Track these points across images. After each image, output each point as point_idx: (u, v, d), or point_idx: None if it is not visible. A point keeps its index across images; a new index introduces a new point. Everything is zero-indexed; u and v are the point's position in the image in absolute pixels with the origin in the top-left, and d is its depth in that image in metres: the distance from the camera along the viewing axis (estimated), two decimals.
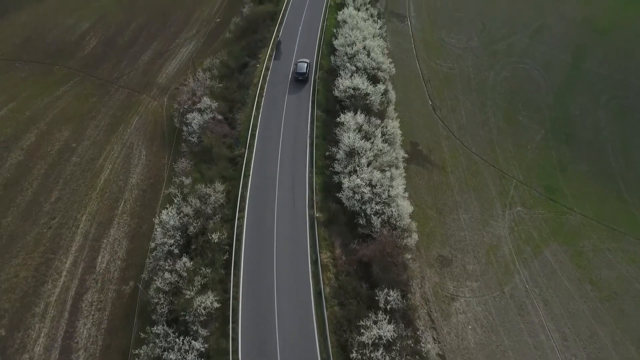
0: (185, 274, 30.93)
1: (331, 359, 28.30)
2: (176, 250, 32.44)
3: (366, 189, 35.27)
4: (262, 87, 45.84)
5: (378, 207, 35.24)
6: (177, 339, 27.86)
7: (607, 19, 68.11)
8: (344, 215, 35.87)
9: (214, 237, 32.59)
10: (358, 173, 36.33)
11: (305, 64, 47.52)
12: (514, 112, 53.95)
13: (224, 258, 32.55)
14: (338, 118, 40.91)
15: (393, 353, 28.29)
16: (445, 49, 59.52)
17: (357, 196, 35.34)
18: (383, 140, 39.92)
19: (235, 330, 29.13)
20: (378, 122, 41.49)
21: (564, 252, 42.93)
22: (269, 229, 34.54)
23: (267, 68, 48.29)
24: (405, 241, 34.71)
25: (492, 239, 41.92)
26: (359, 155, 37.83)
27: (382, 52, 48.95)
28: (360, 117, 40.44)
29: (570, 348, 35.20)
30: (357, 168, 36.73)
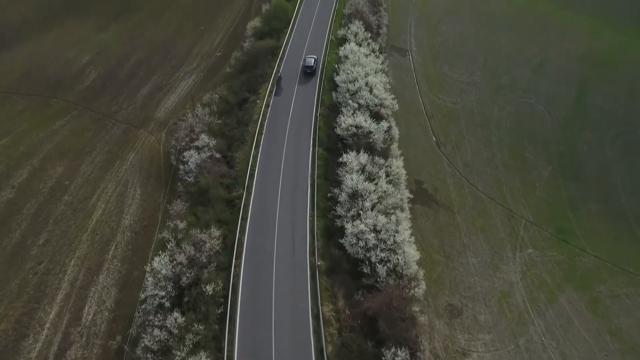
0: (176, 330, 28.60)
1: None
2: (167, 304, 30.22)
3: (370, 235, 33.37)
4: (261, 124, 44.65)
5: (383, 254, 33.22)
6: None
7: (608, 54, 68.07)
8: (347, 263, 33.79)
9: (208, 288, 30.42)
10: (362, 218, 34.50)
11: (313, 59, 51.58)
12: (520, 148, 52.68)
13: (219, 312, 30.28)
14: (340, 158, 39.44)
15: None
16: (447, 84, 58.90)
17: (361, 243, 33.38)
18: (387, 181, 38.29)
19: None
20: (382, 161, 40.01)
21: (580, 299, 40.62)
22: (267, 279, 32.38)
23: (267, 104, 47.28)
24: (412, 291, 32.51)
25: (503, 285, 39.65)
26: (362, 197, 36.12)
27: (385, 87, 48.04)
28: (363, 156, 38.98)
29: None
30: (361, 212, 34.91)
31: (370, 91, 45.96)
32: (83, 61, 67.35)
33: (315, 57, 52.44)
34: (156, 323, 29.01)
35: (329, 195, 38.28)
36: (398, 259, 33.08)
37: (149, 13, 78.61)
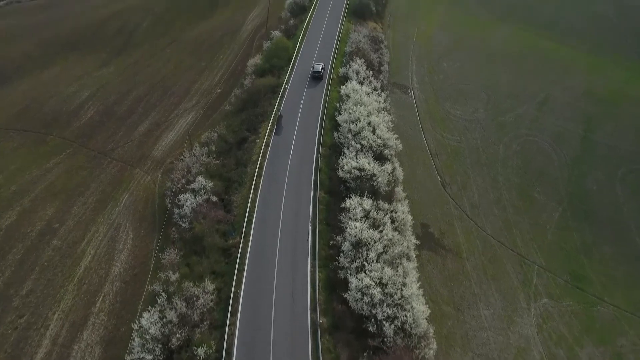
0: None
1: None
2: None
3: (376, 290, 31.01)
4: (260, 166, 43.08)
5: (390, 310, 30.74)
6: None
7: (611, 90, 67.66)
8: (351, 320, 31.22)
9: (200, 351, 27.81)
10: (366, 270, 32.24)
11: (321, 65, 55.75)
12: (529, 188, 50.95)
13: None
14: (343, 203, 37.59)
15: None
16: (451, 121, 57.90)
17: (366, 298, 30.96)
18: (393, 228, 36.25)
19: None
20: (386, 206, 38.13)
21: (602, 354, 37.74)
22: (265, 339, 29.75)
23: (267, 144, 45.92)
24: (423, 352, 29.84)
25: (519, 340, 36.84)
26: (366, 247, 33.97)
27: (388, 127, 46.82)
28: (367, 202, 37.12)
29: None
30: (366, 264, 32.68)
31: (373, 131, 44.69)
32: (82, 97, 66.82)
33: (323, 64, 56.58)
34: None
35: (331, 243, 36.14)
36: (406, 316, 30.56)
37: (150, 49, 79.06)
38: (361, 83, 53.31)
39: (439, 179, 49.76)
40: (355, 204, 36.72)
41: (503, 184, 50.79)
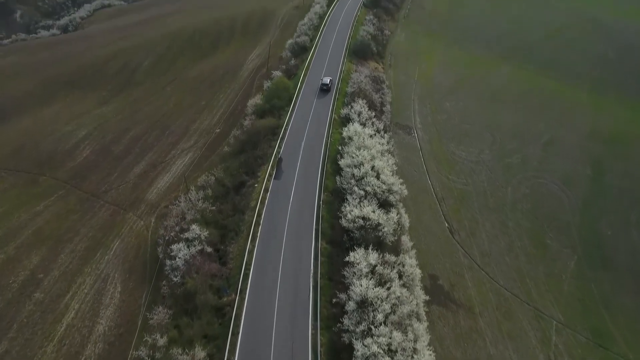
0: None
1: None
2: None
3: (385, 359, 27.99)
4: (259, 213, 40.90)
5: None
6: None
7: (617, 130, 66.66)
8: None
9: None
10: (374, 334, 29.34)
11: (329, 78, 59.89)
12: (541, 234, 48.55)
13: None
14: (346, 256, 35.09)
15: None
16: (456, 163, 56.27)
17: None
18: (401, 285, 33.60)
19: None
20: (393, 259, 35.62)
21: None
22: None
23: (266, 189, 43.93)
24: None
25: None
26: (373, 306, 31.20)
27: (392, 171, 45.03)
28: (372, 255, 34.64)
29: None
30: (372, 327, 29.82)
31: (377, 176, 42.84)
32: (79, 136, 65.63)
33: (331, 78, 60.59)
34: None
35: (334, 300, 33.36)
36: None
37: (151, 87, 78.86)
38: (363, 124, 52.06)
39: (447, 225, 47.44)
40: (360, 258, 34.23)
41: (513, 230, 48.44)
